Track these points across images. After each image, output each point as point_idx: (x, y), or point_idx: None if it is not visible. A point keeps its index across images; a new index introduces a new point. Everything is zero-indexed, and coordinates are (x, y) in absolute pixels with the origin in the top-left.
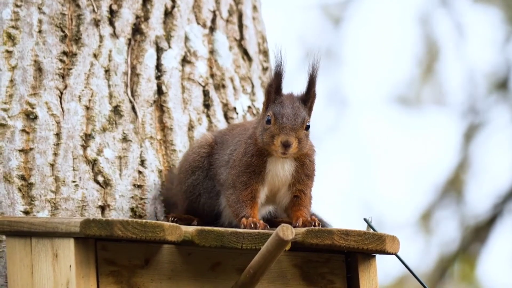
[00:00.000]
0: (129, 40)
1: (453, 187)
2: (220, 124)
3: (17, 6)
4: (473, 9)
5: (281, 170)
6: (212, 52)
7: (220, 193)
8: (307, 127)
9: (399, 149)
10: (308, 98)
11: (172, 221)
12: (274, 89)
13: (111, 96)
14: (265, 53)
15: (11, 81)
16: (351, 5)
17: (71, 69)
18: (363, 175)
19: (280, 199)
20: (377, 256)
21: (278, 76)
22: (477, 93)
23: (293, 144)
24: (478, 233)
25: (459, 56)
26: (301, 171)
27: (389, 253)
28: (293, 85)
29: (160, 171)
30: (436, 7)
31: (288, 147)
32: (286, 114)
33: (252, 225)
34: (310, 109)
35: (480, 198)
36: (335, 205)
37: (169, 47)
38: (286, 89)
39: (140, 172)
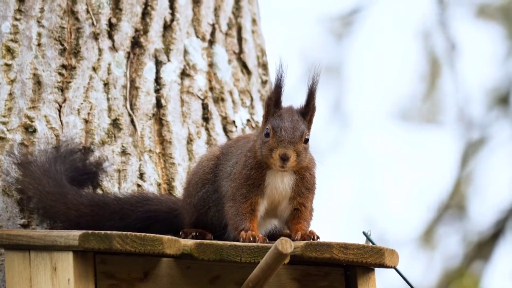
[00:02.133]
0: (128, 53)
1: (456, 202)
2: (219, 137)
3: (16, 19)
4: (474, 25)
5: (280, 183)
6: (211, 65)
7: None
8: (306, 140)
9: (402, 165)
10: (307, 111)
11: (194, 237)
12: (273, 102)
13: (110, 109)
14: (264, 66)
15: (10, 94)
16: (353, 20)
17: (70, 82)
18: (365, 191)
19: (281, 212)
20: (378, 270)
21: (277, 89)
22: (478, 108)
23: (291, 157)
24: (481, 249)
25: (460, 72)
26: (301, 185)
27: (388, 267)
28: (294, 100)
29: (159, 184)
30: (437, 23)
31: (286, 160)
32: (284, 128)
33: (251, 238)
34: (309, 122)
35: (483, 213)
36: (338, 220)
37: (168, 60)
38: (287, 103)
39: (139, 186)
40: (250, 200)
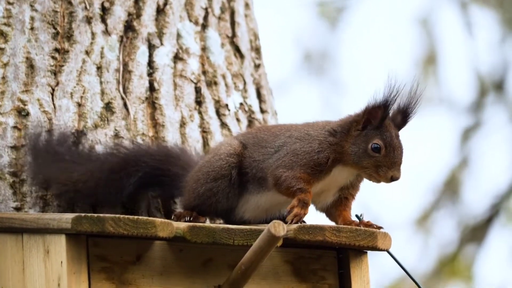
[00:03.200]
0: (121, 37)
1: (451, 187)
2: (212, 121)
3: (9, 3)
4: (469, 10)
5: (341, 177)
6: (204, 49)
7: (242, 193)
8: None
9: None
10: (401, 126)
11: (188, 221)
12: (379, 117)
13: (103, 93)
14: (257, 50)
15: (3, 78)
16: (347, 5)
17: (63, 66)
18: None
19: (326, 198)
20: (378, 256)
21: (387, 108)
22: (474, 93)
23: (401, 177)
24: (476, 233)
25: (456, 57)
26: (359, 180)
27: (381, 250)
28: (287, 87)
29: None
30: (434, 8)
31: (396, 180)
32: (396, 148)
33: (306, 199)
34: None
35: (478, 198)
36: None
37: (161, 44)
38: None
39: None
40: (308, 176)
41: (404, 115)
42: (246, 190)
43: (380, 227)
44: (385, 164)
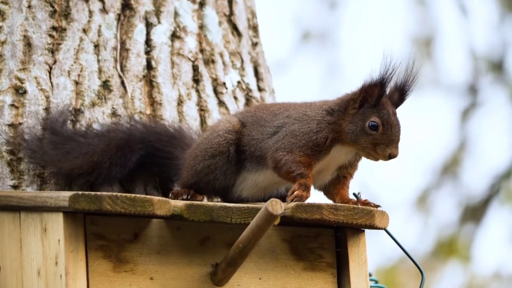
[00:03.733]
0: (119, 15)
1: (450, 167)
2: (210, 99)
3: None
4: None
5: (340, 156)
6: (201, 27)
7: (240, 171)
8: None
9: None
10: (399, 103)
11: (185, 199)
12: (376, 95)
13: (100, 71)
14: (254, 28)
15: (1, 56)
16: None
17: (60, 44)
18: None
19: (325, 177)
20: (369, 231)
21: (383, 85)
22: (473, 74)
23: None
24: (475, 213)
25: (455, 37)
26: (358, 159)
27: (378, 228)
28: (288, 67)
29: None
30: None
31: (394, 158)
32: (393, 125)
33: (307, 184)
34: None
35: (477, 178)
36: None
37: (159, 22)
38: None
39: None
40: (308, 158)
41: (401, 93)
42: (244, 168)
43: (377, 206)
44: (383, 142)
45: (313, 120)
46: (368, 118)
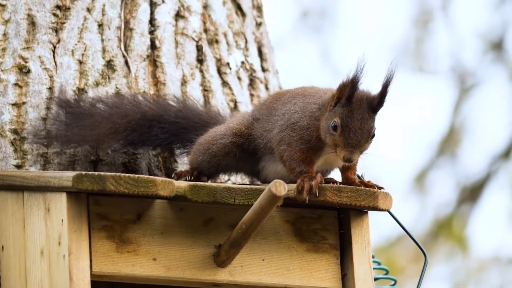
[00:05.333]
0: None
1: (448, 147)
2: (213, 79)
3: None
4: None
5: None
6: (205, 7)
7: (259, 161)
8: (373, 136)
9: (394, 110)
10: (379, 106)
11: (189, 180)
12: (346, 95)
13: (104, 50)
14: (258, 8)
15: (4, 34)
16: None
17: (64, 23)
18: None
19: (333, 167)
20: (372, 213)
21: (354, 85)
22: (472, 53)
23: (355, 160)
24: (473, 193)
25: (454, 16)
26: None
27: (382, 210)
28: (288, 45)
29: None
30: None
31: (350, 163)
32: (353, 129)
33: (308, 178)
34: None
35: (475, 158)
36: None
37: (163, 1)
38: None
39: None
40: (306, 155)
41: (380, 97)
42: (262, 159)
43: (381, 187)
44: (340, 144)
45: (307, 114)
46: (333, 118)
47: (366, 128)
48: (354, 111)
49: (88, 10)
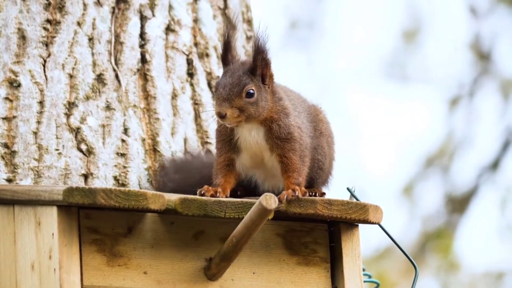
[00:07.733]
0: (113, 8)
1: (437, 159)
2: (204, 93)
3: None
4: None
5: (248, 136)
6: (196, 21)
7: None
8: (250, 95)
9: (384, 121)
10: (255, 66)
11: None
12: (221, 59)
13: (94, 64)
14: (249, 22)
15: None
16: None
17: (54, 37)
18: (347, 147)
19: (269, 165)
20: (361, 227)
21: (224, 46)
22: (461, 64)
23: (227, 114)
24: (462, 205)
25: (443, 27)
26: (271, 135)
27: (372, 223)
28: (278, 56)
29: (143, 140)
30: None
31: (223, 118)
32: (222, 85)
33: (211, 194)
34: (262, 76)
35: (464, 170)
36: None
37: (153, 15)
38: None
39: (123, 141)
40: (224, 155)
41: (253, 59)
42: None
43: (323, 194)
44: (214, 103)
45: None
46: None
47: (237, 83)
48: (227, 72)
49: (79, 24)
